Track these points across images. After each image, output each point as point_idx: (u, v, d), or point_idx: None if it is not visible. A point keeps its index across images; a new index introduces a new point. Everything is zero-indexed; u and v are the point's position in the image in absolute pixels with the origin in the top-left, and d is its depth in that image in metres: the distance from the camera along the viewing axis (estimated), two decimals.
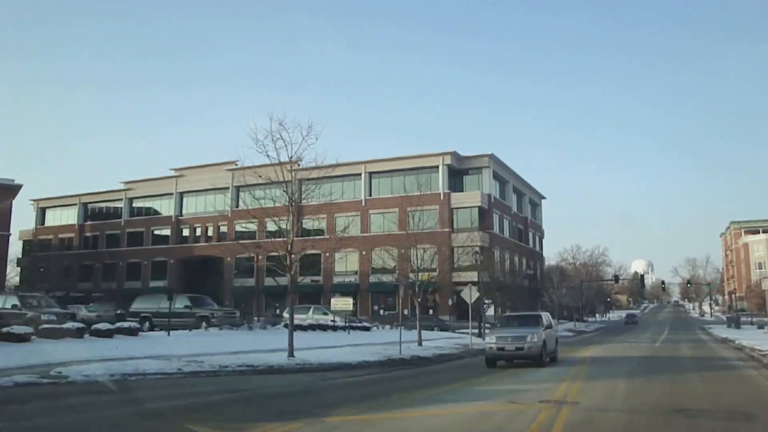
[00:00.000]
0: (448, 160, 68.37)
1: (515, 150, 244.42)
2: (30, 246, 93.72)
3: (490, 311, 57.95)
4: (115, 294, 79.32)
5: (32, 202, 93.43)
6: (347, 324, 40.26)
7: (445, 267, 67.14)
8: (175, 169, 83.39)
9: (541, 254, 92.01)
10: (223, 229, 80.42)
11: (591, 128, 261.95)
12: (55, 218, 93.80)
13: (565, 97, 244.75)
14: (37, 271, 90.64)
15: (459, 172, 70.67)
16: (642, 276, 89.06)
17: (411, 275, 56.83)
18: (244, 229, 79.43)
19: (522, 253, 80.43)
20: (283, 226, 29.40)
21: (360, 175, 72.44)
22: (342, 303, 37.53)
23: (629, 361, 24.74)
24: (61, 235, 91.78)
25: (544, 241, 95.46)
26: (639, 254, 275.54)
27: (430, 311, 66.74)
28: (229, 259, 78.34)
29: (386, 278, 71.07)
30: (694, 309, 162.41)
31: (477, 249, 67.16)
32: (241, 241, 78.31)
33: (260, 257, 77.79)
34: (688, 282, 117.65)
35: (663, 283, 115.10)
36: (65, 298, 74.85)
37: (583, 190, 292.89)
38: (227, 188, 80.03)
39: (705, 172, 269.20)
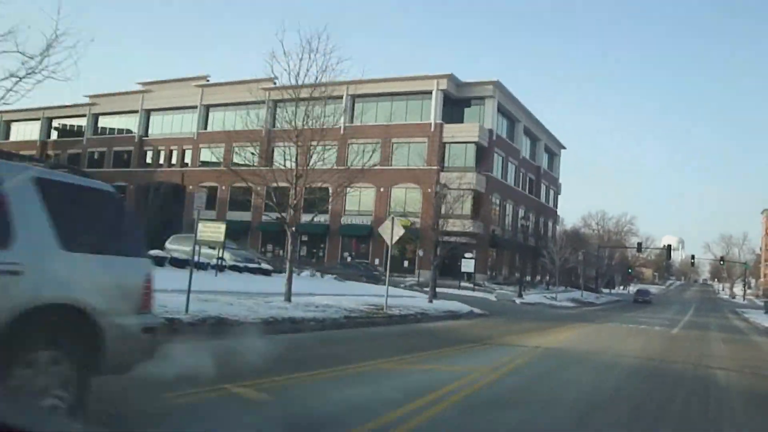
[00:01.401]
0: (443, 84, 55.25)
1: (533, 92, 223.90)
2: None
3: (469, 266, 45.52)
4: None
5: None
6: (218, 262, 28.06)
7: (429, 213, 54.86)
8: (142, 83, 71.56)
9: (555, 212, 78.74)
10: (190, 153, 68.79)
11: (624, 89, 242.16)
12: (18, 133, 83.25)
13: (601, 51, 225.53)
14: None
15: (458, 103, 57.58)
16: (669, 247, 75.89)
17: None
18: (211, 158, 67.89)
19: (530, 207, 67.41)
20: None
21: (341, 98, 59.73)
22: (212, 230, 25.45)
23: (606, 375, 11.97)
24: (22, 152, 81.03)
25: (560, 198, 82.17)
26: (670, 230, 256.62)
27: (405, 263, 54.57)
28: (191, 187, 66.91)
29: (360, 221, 59.19)
30: (723, 290, 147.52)
31: (466, 191, 54.44)
32: (235, 169, 66.95)
33: (224, 187, 66.42)
34: (721, 259, 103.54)
35: (693, 258, 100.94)
36: None
37: (612, 155, 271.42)
38: (195, 107, 68.26)
39: (748, 145, 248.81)
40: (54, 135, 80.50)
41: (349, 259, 56.90)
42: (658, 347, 18.20)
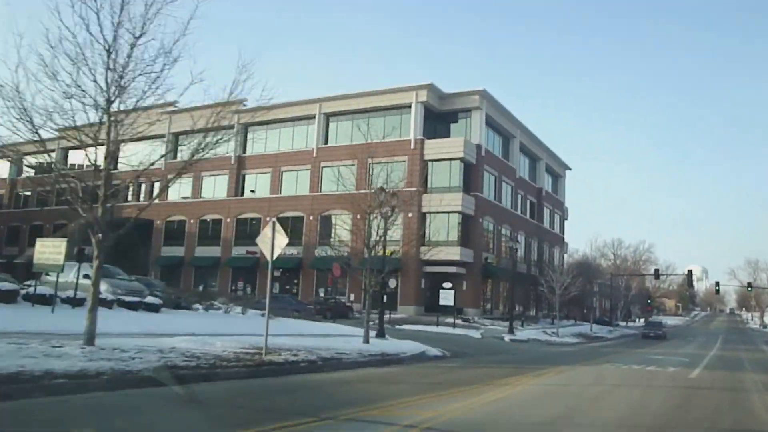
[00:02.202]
0: (423, 96, 48.84)
1: (532, 109, 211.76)
2: None
3: (448, 298, 38.46)
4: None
5: None
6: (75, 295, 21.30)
7: (411, 239, 47.97)
8: (112, 113, 66.05)
9: (562, 238, 71.29)
10: (158, 186, 62.75)
11: (639, 107, 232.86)
12: None
13: (611, 61, 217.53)
14: None
15: (442, 118, 51.12)
16: (690, 273, 67.76)
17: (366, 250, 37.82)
18: (179, 190, 61.87)
19: (531, 232, 60.22)
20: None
21: (314, 117, 53.63)
22: (51, 251, 18.94)
23: None
24: None
25: (567, 223, 74.79)
26: (691, 259, 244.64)
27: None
28: (158, 222, 60.84)
29: (335, 252, 52.33)
30: (753, 319, 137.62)
31: (452, 214, 47.76)
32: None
33: (192, 221, 60.20)
34: (749, 286, 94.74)
35: (717, 285, 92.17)
36: None
37: (624, 179, 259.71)
38: (163, 136, 62.44)
39: None
40: (28, 172, 75.13)
41: (322, 294, 50.01)
42: (661, 407, 11.15)
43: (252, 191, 56.06)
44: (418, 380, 13.76)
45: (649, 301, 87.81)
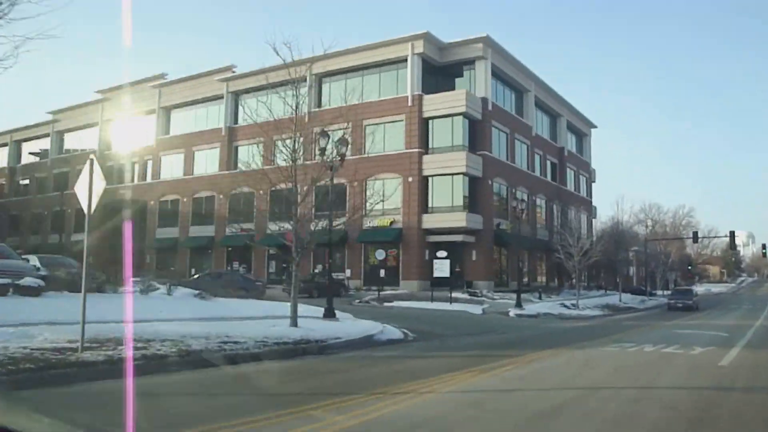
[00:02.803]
0: (420, 47, 43.27)
1: (551, 58, 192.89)
2: None
3: (443, 269, 33.32)
4: (40, 251, 59.48)
5: None
6: None
7: (412, 207, 42.89)
8: (101, 92, 62.14)
9: (590, 202, 65.06)
10: (151, 164, 58.62)
11: (671, 56, 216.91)
12: None
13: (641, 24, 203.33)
14: None
15: (444, 71, 45.50)
16: (732, 234, 60.94)
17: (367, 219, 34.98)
18: (171, 167, 57.79)
19: (552, 196, 54.39)
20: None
21: (305, 79, 48.45)
22: None
23: None
24: None
25: (596, 187, 68.51)
26: (736, 224, 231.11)
27: (382, 272, 42.50)
28: (152, 202, 56.80)
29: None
30: None
31: (455, 176, 42.49)
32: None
33: (185, 200, 55.82)
34: None
35: (764, 248, 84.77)
36: None
37: (659, 137, 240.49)
38: (153, 111, 58.30)
39: None
40: (27, 159, 72.04)
41: (319, 269, 45.26)
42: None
43: (242, 167, 51.33)
44: (296, 383, 8.86)
45: (689, 267, 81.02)
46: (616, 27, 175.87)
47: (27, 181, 70.25)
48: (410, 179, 42.38)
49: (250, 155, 48.59)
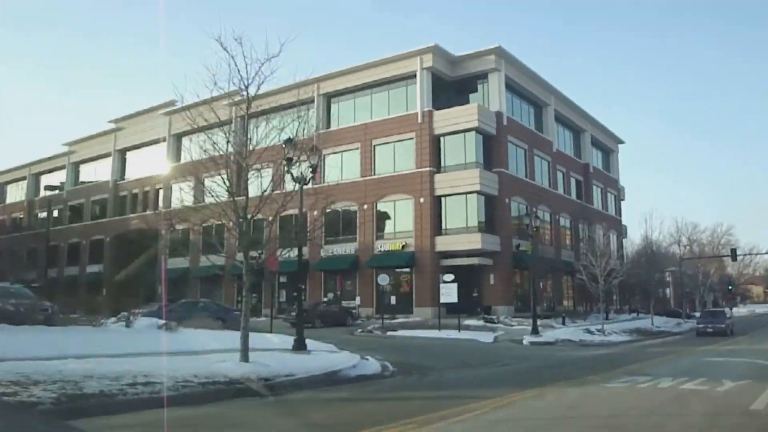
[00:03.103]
0: (429, 60, 41.08)
1: (572, 73, 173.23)
2: None
3: (450, 294, 30.63)
4: (55, 283, 58.68)
5: None
6: None
7: (425, 229, 40.37)
8: (114, 121, 61.23)
9: (619, 221, 61.65)
10: (163, 192, 57.19)
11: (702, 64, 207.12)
12: (11, 195, 75.11)
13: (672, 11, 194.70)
14: None
15: (457, 86, 43.20)
16: None
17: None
18: (182, 195, 56.01)
19: (577, 215, 51.28)
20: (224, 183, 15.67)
21: (312, 100, 46.66)
22: None
23: None
24: (14, 215, 72.72)
25: (625, 205, 65.08)
26: None
27: (393, 299, 40.00)
28: (164, 232, 55.22)
29: (344, 249, 45.14)
30: None
31: (469, 195, 39.99)
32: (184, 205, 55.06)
33: (196, 228, 54.00)
34: None
35: None
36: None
37: (691, 157, 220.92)
38: (164, 139, 57.05)
39: None
40: (44, 192, 71.53)
41: (330, 297, 42.85)
42: None
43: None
44: None
45: (729, 287, 76.31)
46: (644, 39, 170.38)
47: (45, 214, 69.63)
48: (422, 200, 39.93)
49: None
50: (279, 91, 45.66)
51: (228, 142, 15.78)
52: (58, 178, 69.46)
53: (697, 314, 62.28)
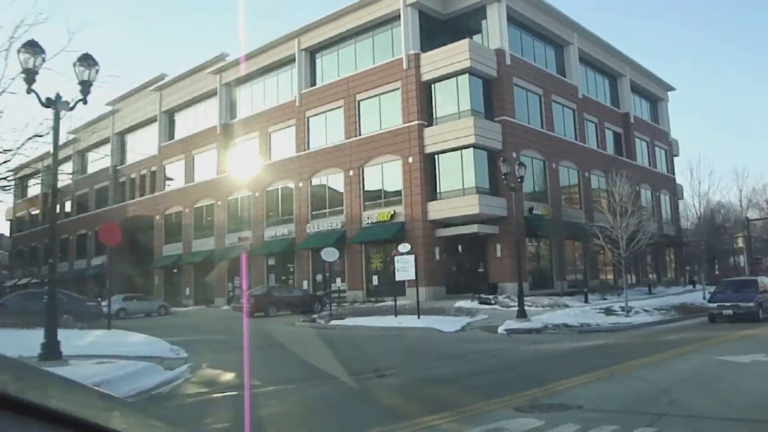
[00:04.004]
0: None
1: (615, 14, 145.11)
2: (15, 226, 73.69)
3: (406, 271, 23.67)
4: (66, 278, 55.01)
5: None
6: None
7: (415, 194, 33.44)
8: (110, 103, 56.60)
9: (673, 180, 52.58)
10: (158, 174, 52.15)
11: None
12: (31, 189, 72.22)
13: None
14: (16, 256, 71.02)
15: (451, 27, 35.86)
16: None
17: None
18: (175, 176, 51.24)
19: (617, 174, 42.91)
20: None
21: (292, 58, 40.22)
22: None
23: None
24: (32, 211, 69.92)
25: (680, 162, 55.91)
26: None
27: (373, 279, 33.50)
28: (158, 217, 50.27)
29: (330, 224, 38.58)
30: None
31: (470, 149, 32.87)
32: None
33: (187, 210, 48.57)
34: None
35: None
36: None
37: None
38: (155, 117, 51.97)
39: None
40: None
41: (319, 279, 36.62)
42: None
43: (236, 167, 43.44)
44: None
45: None
46: None
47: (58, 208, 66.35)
48: (410, 159, 33.01)
49: (284, 143, 40.93)
50: (264, 49, 39.44)
51: None
52: (68, 168, 66.00)
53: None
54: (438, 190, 32.95)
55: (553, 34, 38.61)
